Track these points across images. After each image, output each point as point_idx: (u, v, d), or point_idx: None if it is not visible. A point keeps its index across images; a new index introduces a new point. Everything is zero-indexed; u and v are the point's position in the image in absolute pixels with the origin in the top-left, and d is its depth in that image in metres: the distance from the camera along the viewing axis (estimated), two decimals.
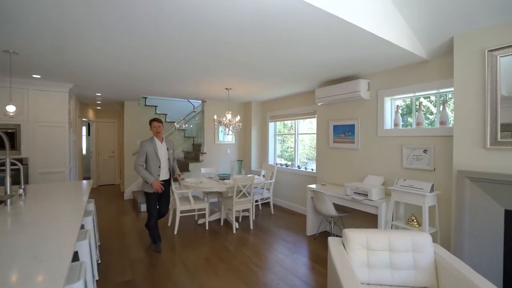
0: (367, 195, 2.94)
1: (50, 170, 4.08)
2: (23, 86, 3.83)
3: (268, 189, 4.89)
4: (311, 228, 3.83)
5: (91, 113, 7.22)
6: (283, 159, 5.77)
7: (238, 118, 4.46)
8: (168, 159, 3.23)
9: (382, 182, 3.14)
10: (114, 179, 7.98)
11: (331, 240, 2.09)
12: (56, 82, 3.94)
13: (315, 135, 4.80)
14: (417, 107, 3.02)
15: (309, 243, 3.54)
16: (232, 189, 3.91)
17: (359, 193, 3.05)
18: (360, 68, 3.17)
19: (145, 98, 6.16)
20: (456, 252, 2.27)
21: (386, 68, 3.13)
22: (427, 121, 3.06)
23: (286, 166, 5.37)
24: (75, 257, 1.69)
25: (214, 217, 4.40)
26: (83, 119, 6.75)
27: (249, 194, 4.03)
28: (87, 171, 7.79)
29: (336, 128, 3.84)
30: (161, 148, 3.17)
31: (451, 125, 2.67)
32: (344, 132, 3.72)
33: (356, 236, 1.93)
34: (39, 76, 3.64)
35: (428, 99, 3.10)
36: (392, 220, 2.77)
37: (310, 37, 2.22)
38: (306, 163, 5.21)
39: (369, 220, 3.36)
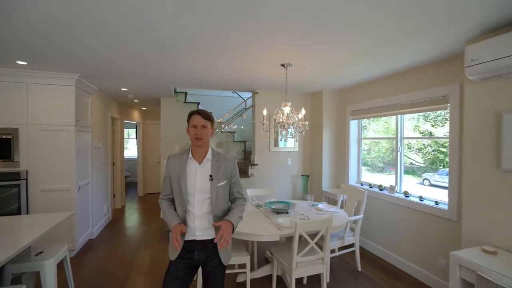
0: None
1: (53, 187, 3.12)
2: (18, 79, 2.94)
3: (353, 230, 2.98)
4: None
5: (136, 114, 6.51)
6: (368, 169, 3.73)
7: (303, 112, 2.71)
8: (212, 197, 1.52)
9: None
10: None
11: None
12: (55, 72, 2.95)
13: (424, 141, 2.67)
14: None
15: None
16: (291, 236, 2.20)
17: None
18: None
19: (185, 93, 4.97)
20: None
21: None
22: None
23: (380, 190, 3.34)
24: None
25: (263, 272, 2.75)
26: (126, 120, 6.04)
27: (321, 248, 2.25)
28: (134, 176, 7.22)
29: None
30: (195, 173, 1.53)
31: None
32: None
33: None
34: (25, 63, 2.65)
35: None
36: None
37: None
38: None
39: None
